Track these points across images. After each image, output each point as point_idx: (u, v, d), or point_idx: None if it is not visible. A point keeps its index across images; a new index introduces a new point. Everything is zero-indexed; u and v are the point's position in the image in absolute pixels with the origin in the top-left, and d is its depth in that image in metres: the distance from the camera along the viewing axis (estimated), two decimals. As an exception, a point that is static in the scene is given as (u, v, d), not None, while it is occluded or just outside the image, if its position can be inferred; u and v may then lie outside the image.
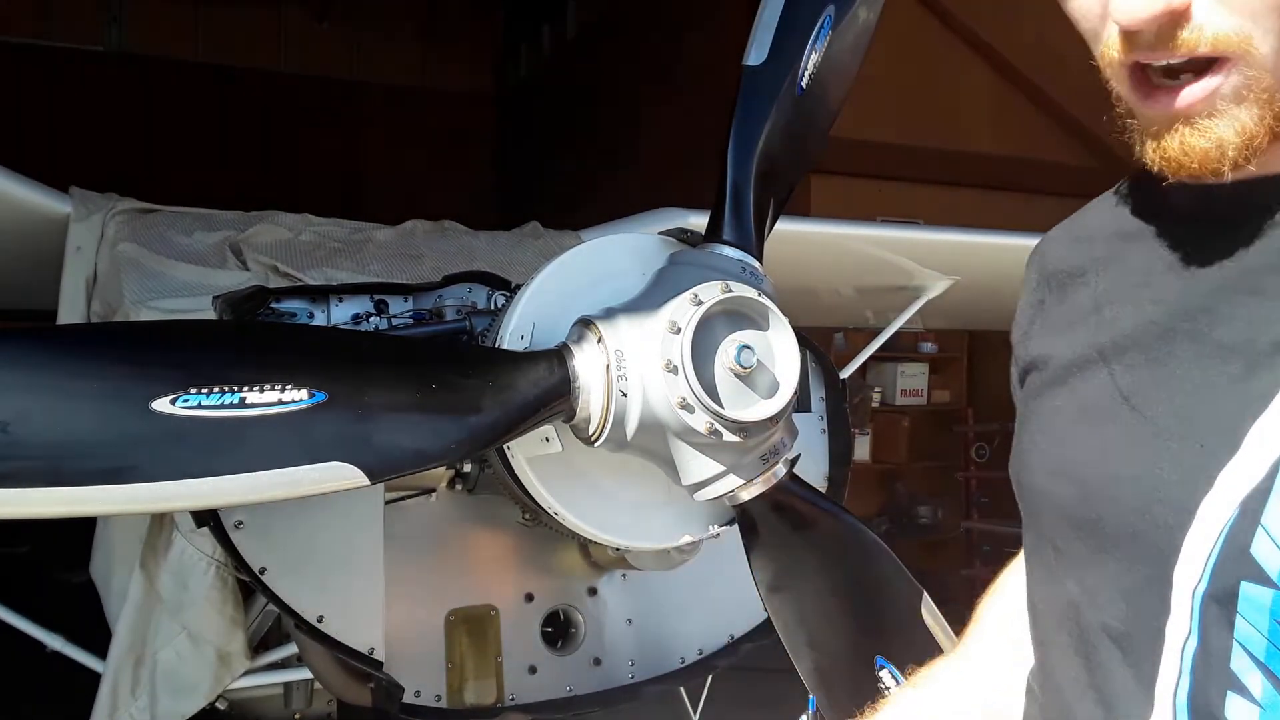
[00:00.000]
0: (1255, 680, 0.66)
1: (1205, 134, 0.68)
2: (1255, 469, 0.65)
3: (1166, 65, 0.69)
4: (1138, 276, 0.78)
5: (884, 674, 1.35)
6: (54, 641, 2.52)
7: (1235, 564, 0.66)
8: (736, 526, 1.35)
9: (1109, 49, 0.72)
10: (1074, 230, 0.91)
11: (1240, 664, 0.67)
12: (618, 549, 1.64)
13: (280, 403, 1.03)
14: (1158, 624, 0.70)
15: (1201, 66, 0.68)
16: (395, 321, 1.73)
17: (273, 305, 1.68)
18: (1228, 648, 0.67)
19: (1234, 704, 0.67)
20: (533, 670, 1.77)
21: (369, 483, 1.07)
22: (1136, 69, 0.71)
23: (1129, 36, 0.69)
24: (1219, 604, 0.67)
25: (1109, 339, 0.78)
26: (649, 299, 1.23)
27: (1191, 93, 0.68)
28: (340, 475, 1.05)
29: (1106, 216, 0.86)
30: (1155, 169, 0.72)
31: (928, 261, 3.18)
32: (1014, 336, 0.95)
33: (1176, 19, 0.67)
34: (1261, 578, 0.65)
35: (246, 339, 1.22)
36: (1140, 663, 0.72)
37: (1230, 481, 0.66)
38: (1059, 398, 0.83)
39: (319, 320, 1.70)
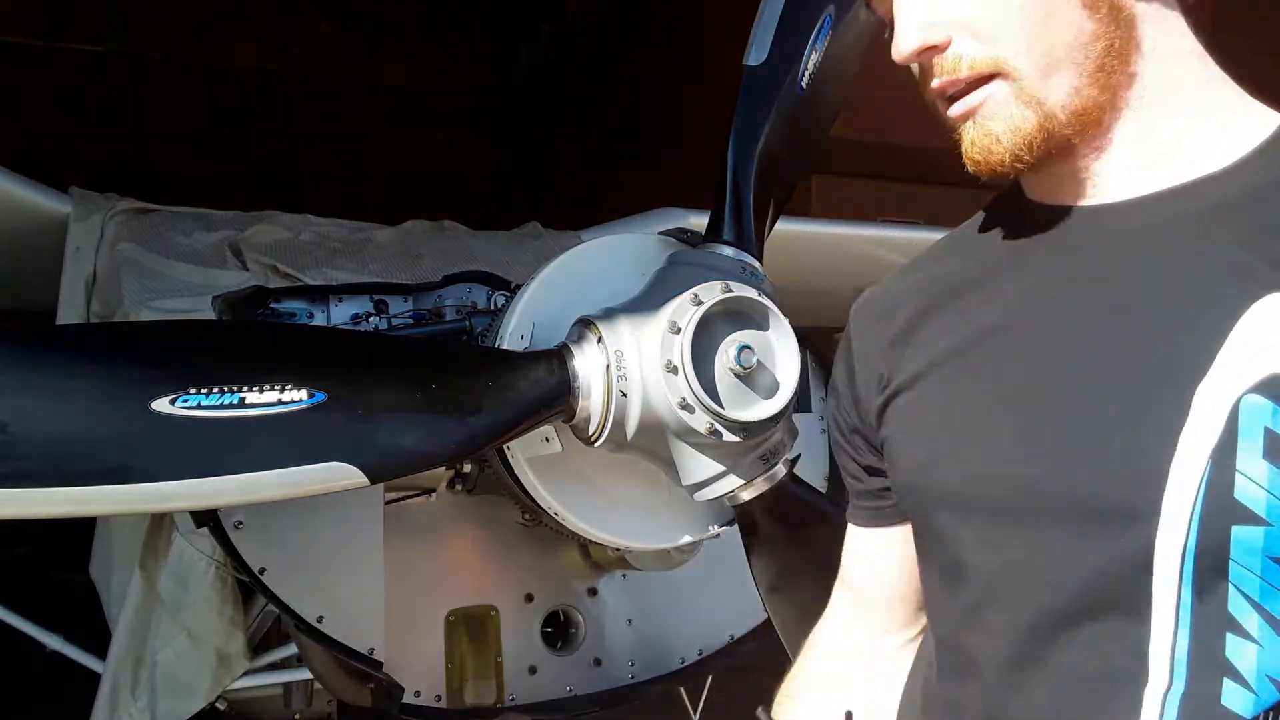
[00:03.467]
0: (1252, 620, 0.72)
1: (982, 129, 0.83)
2: (1214, 424, 0.72)
3: (945, 89, 0.84)
4: (1023, 294, 0.86)
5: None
6: (54, 641, 2.52)
7: (1222, 512, 0.72)
8: (736, 526, 1.35)
9: (920, 85, 0.89)
10: (911, 277, 0.99)
11: (1237, 605, 0.72)
12: (618, 549, 1.64)
13: (280, 403, 1.03)
14: (1144, 589, 0.74)
15: (977, 83, 0.82)
16: (395, 321, 1.72)
17: (272, 305, 1.68)
18: (1224, 593, 0.72)
19: (1233, 644, 0.72)
20: (533, 670, 1.77)
21: (369, 483, 1.07)
22: (937, 96, 0.86)
23: (921, 73, 0.87)
24: (1211, 555, 0.72)
25: (999, 345, 0.86)
26: (649, 299, 1.23)
27: (966, 102, 0.84)
28: (340, 475, 1.05)
29: (958, 254, 0.96)
30: (970, 169, 0.85)
31: (928, 261, 3.18)
32: (857, 377, 0.98)
33: (938, 52, 0.83)
34: (1252, 518, 0.71)
35: (246, 339, 1.22)
36: (1127, 631, 0.75)
37: (1191, 443, 0.73)
38: (940, 413, 0.89)
39: (319, 320, 1.70)
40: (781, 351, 1.22)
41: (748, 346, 1.19)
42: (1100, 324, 0.81)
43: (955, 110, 0.85)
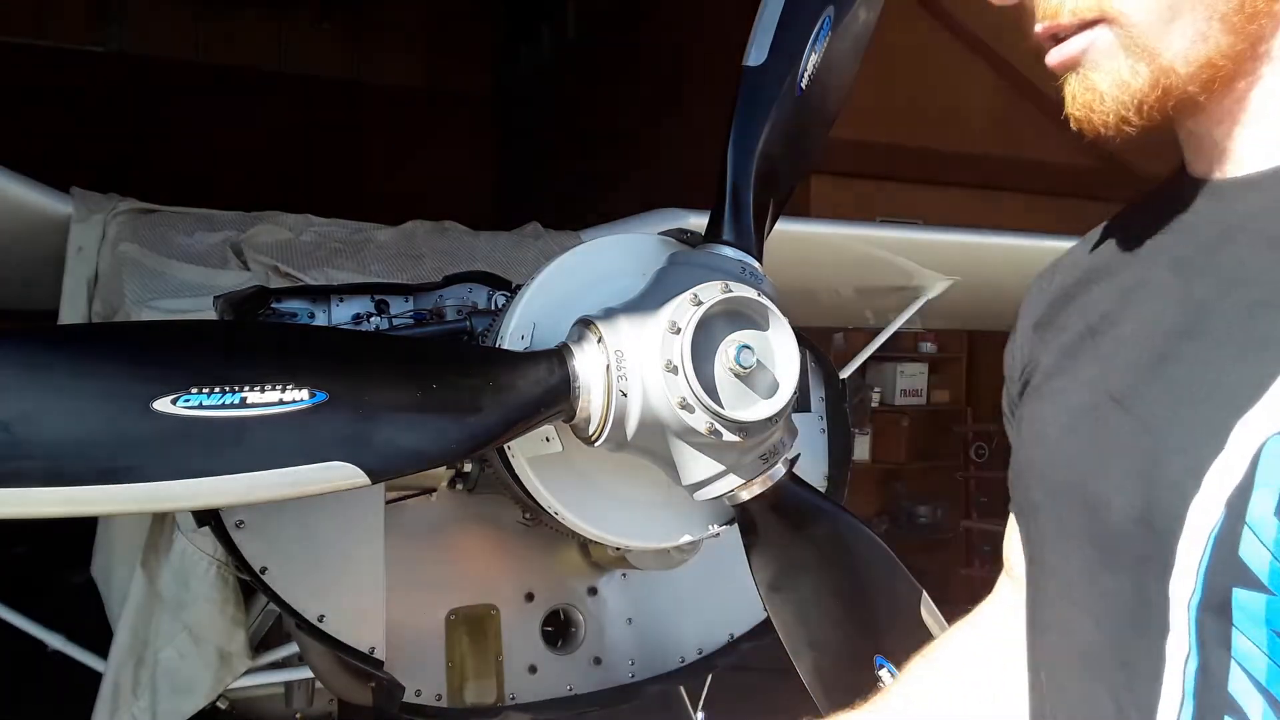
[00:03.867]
0: (1255, 705, 0.63)
1: (1085, 82, 0.73)
2: (1238, 465, 0.63)
3: (1051, 33, 0.75)
4: (1130, 284, 0.79)
5: (883, 673, 1.35)
6: (54, 641, 2.52)
7: (1226, 570, 0.63)
8: (736, 526, 1.35)
9: (1025, 29, 0.78)
10: (1067, 256, 0.93)
11: (1239, 686, 0.63)
12: (618, 549, 1.64)
13: (281, 402, 1.03)
14: (1159, 644, 0.67)
15: (1080, 29, 0.73)
16: (396, 321, 1.73)
17: (273, 305, 1.68)
18: (1226, 667, 0.64)
19: None
20: (533, 670, 1.77)
21: (369, 482, 1.07)
22: (1044, 39, 0.76)
23: (1024, 15, 0.77)
24: (1214, 616, 0.64)
25: (1106, 341, 0.78)
26: (649, 299, 1.23)
27: (1064, 49, 0.74)
28: (341, 475, 1.05)
29: (1099, 240, 0.88)
30: (1073, 127, 0.76)
31: (928, 261, 3.18)
32: (1009, 357, 0.95)
33: None
34: (1253, 582, 0.62)
35: (247, 339, 1.22)
36: (1141, 688, 0.69)
37: (1216, 481, 0.64)
38: (1052, 406, 0.82)
39: (319, 320, 1.70)
40: (781, 351, 1.22)
41: (748, 346, 1.19)
42: (1182, 325, 0.71)
43: (1053, 58, 0.75)
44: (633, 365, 1.20)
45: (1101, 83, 0.72)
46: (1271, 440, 0.61)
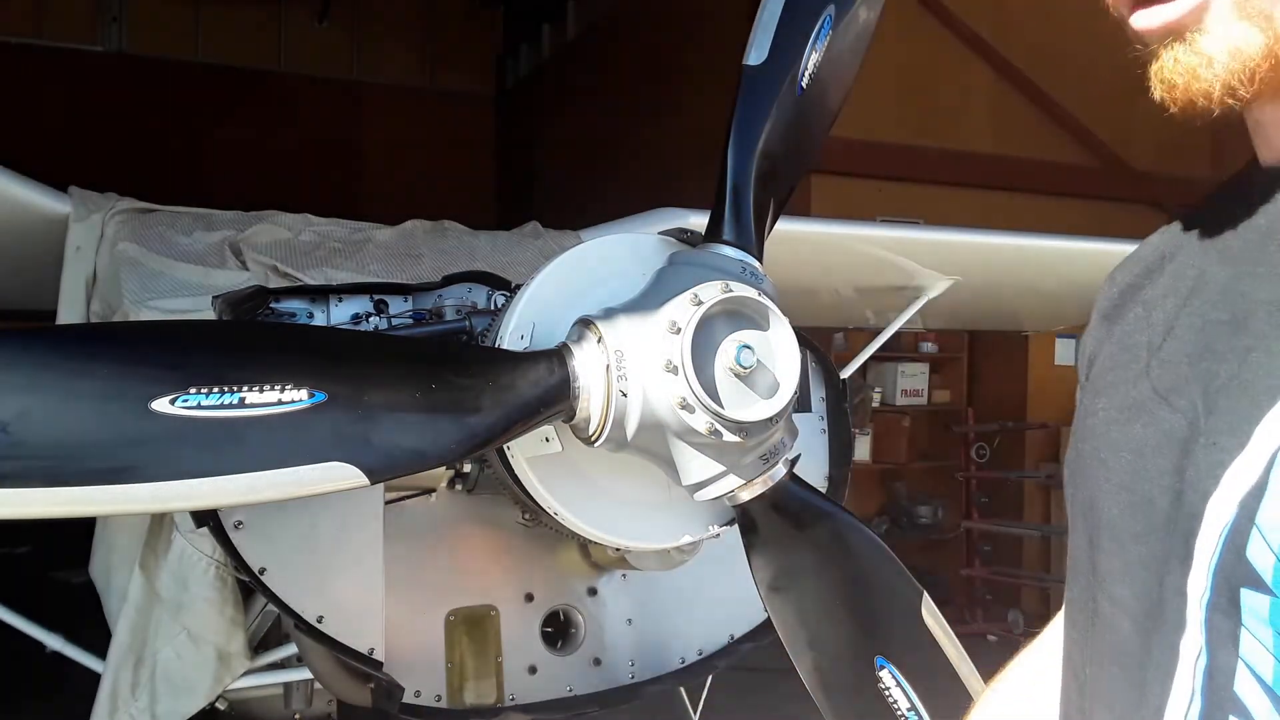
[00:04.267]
0: (1262, 706, 0.63)
1: (1194, 47, 0.66)
2: (1256, 465, 0.62)
3: None
4: (1186, 277, 0.77)
5: (884, 674, 1.35)
6: (54, 641, 2.52)
7: (1234, 569, 0.63)
8: (736, 526, 1.35)
9: None
10: (1142, 247, 0.89)
11: (1244, 686, 0.63)
12: (618, 549, 1.64)
13: (280, 403, 1.02)
14: (1174, 640, 0.67)
15: None
16: (395, 321, 1.72)
17: (272, 305, 1.68)
18: (1233, 666, 0.64)
19: None
20: (533, 670, 1.77)
21: (369, 483, 1.07)
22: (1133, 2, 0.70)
23: None
24: (1223, 615, 0.64)
25: (1155, 332, 0.77)
26: (649, 299, 1.23)
27: (1172, 9, 0.67)
28: (340, 475, 1.05)
29: (1169, 232, 0.86)
30: (1158, 97, 0.69)
31: (928, 261, 3.18)
32: (1079, 349, 0.93)
33: None
34: (1258, 583, 0.62)
35: (246, 339, 1.22)
36: (1154, 685, 0.69)
37: (1234, 480, 0.63)
38: (1105, 398, 0.81)
39: (319, 320, 1.70)
40: (781, 351, 1.22)
41: (748, 346, 1.18)
42: (1227, 319, 0.69)
43: (1153, 19, 0.68)
44: (633, 365, 1.19)
45: (1213, 47, 0.65)
46: None
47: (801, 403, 1.76)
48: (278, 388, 1.03)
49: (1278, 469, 0.61)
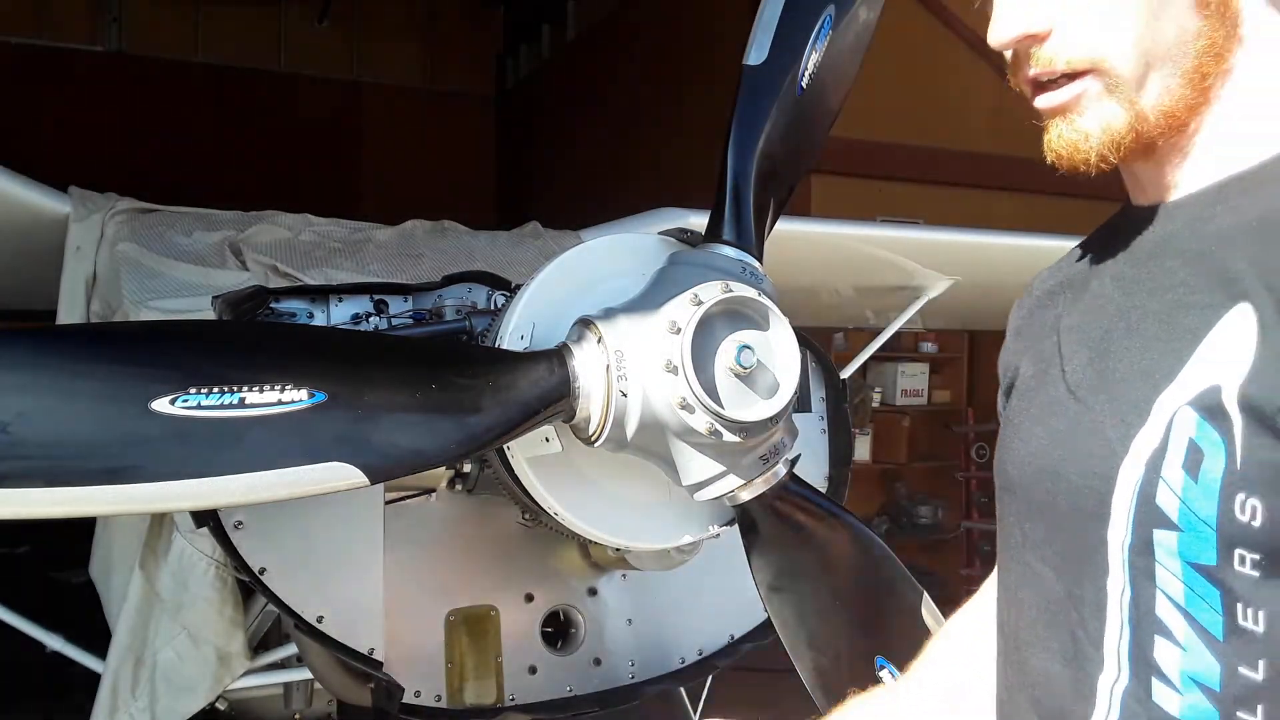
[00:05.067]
0: (1178, 624, 0.76)
1: (1074, 126, 0.83)
2: (1156, 432, 0.77)
3: (1041, 79, 0.84)
4: (1085, 298, 0.91)
5: (884, 674, 1.35)
6: (54, 641, 2.52)
7: (1147, 515, 0.77)
8: (736, 526, 1.35)
9: (1011, 69, 0.89)
10: (1055, 267, 1.04)
11: (1163, 609, 0.77)
12: (618, 549, 1.64)
13: (280, 403, 1.02)
14: (1102, 583, 0.80)
15: (1071, 77, 0.82)
16: (395, 321, 1.72)
17: (272, 305, 1.68)
18: (1153, 596, 0.77)
19: (1161, 648, 0.77)
20: (533, 670, 1.77)
21: (369, 483, 1.07)
22: (1032, 84, 0.86)
23: (1015, 58, 0.86)
24: (1140, 555, 0.78)
25: (1066, 344, 0.91)
26: (649, 299, 1.23)
27: (1056, 96, 0.83)
28: (340, 475, 1.05)
29: (1076, 254, 1.00)
30: (1049, 161, 0.85)
31: (928, 261, 3.18)
32: (1000, 363, 1.07)
33: (1038, 41, 0.82)
34: (1168, 523, 0.76)
35: (246, 339, 1.22)
36: (1090, 621, 0.81)
37: (1140, 447, 0.78)
38: (1026, 402, 0.95)
39: (319, 320, 1.70)
40: (781, 351, 1.22)
41: (748, 346, 1.19)
42: (1121, 326, 0.83)
43: (1045, 103, 0.84)
44: (633, 365, 1.19)
45: (1090, 126, 0.81)
46: (1180, 410, 0.75)
47: (801, 403, 1.76)
48: (278, 388, 1.03)
49: (1174, 431, 0.76)
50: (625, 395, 1.20)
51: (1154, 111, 0.80)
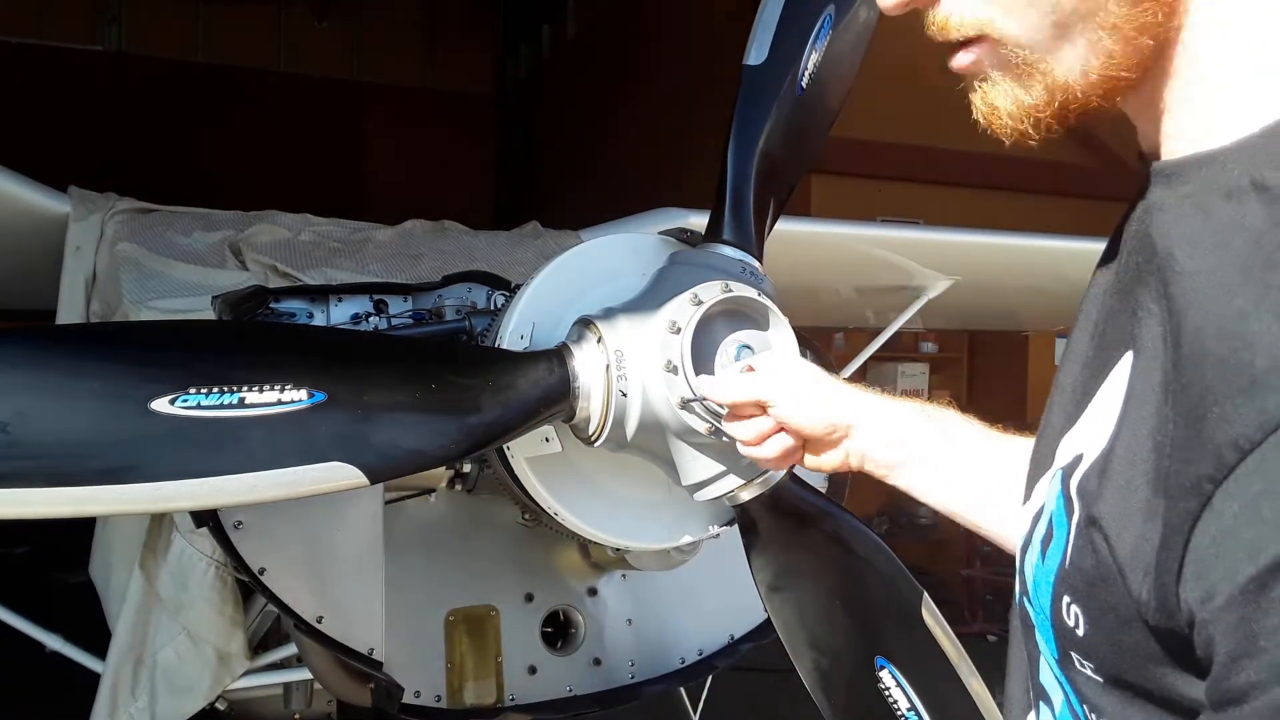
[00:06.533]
0: (1055, 689, 0.72)
1: (984, 98, 0.73)
2: (1047, 486, 0.72)
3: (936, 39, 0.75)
4: (1089, 294, 0.83)
5: (884, 674, 1.35)
6: (54, 641, 2.52)
7: (1021, 577, 0.75)
8: (736, 526, 1.35)
9: None
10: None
11: (1046, 677, 0.73)
12: (618, 549, 1.64)
13: (280, 403, 1.02)
14: (1024, 640, 0.78)
15: (966, 44, 0.73)
16: (395, 321, 1.72)
17: (272, 305, 1.68)
18: (1038, 660, 0.74)
19: (1045, 715, 0.74)
20: (533, 670, 1.77)
21: (369, 483, 1.07)
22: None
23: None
24: (1024, 614, 0.75)
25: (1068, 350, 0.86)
26: (649, 299, 1.23)
27: (960, 59, 0.74)
28: (340, 475, 1.05)
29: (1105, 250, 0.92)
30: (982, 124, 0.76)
31: (928, 261, 3.18)
32: None
33: (926, 3, 0.74)
34: (1025, 589, 0.73)
35: (246, 339, 1.22)
36: (1033, 656, 0.79)
37: (1037, 495, 0.74)
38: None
39: (318, 320, 1.70)
40: (782, 352, 1.22)
41: (748, 346, 1.19)
42: (1095, 360, 0.74)
43: (954, 64, 0.75)
44: (632, 365, 1.19)
45: (996, 97, 0.72)
46: (1055, 474, 0.69)
47: (801, 403, 1.76)
48: (277, 388, 1.03)
49: (1048, 498, 0.70)
50: (625, 395, 1.20)
51: (1083, 76, 0.68)
